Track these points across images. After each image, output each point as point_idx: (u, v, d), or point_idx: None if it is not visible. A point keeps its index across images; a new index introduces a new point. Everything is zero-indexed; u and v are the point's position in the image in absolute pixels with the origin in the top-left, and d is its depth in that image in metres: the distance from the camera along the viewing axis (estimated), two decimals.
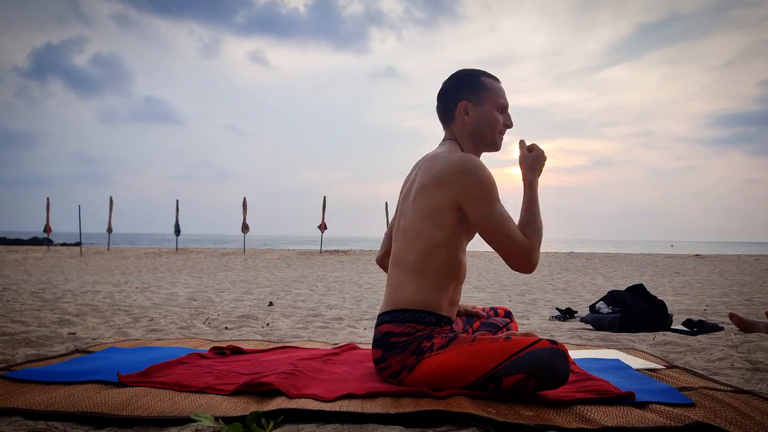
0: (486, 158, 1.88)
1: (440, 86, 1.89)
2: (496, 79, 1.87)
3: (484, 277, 9.24)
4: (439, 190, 1.69)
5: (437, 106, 1.89)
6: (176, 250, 19.06)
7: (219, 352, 2.22)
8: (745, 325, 3.20)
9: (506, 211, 1.70)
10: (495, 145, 1.86)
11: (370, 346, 2.30)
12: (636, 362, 2.17)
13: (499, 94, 1.84)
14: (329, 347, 2.44)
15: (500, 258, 1.79)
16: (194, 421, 1.36)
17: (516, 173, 1.88)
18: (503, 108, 1.85)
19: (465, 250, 1.82)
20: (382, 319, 1.74)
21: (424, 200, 1.72)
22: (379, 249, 2.09)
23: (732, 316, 3.30)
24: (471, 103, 1.81)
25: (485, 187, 1.67)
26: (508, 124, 1.86)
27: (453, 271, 1.75)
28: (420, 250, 1.71)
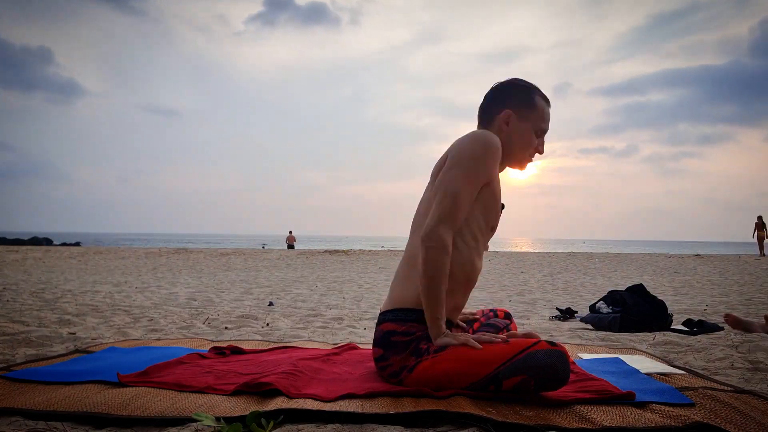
0: None
1: (492, 86, 1.83)
2: (548, 102, 1.82)
3: (484, 277, 9.24)
4: (442, 165, 1.69)
5: (482, 104, 1.83)
6: (176, 250, 19.07)
7: (219, 352, 2.22)
8: (741, 325, 3.19)
9: (468, 192, 1.61)
10: (521, 165, 1.81)
11: (370, 346, 2.30)
12: (655, 366, 2.12)
13: (545, 117, 1.80)
14: (329, 347, 2.44)
15: (500, 258, 1.77)
16: (195, 420, 1.36)
17: (513, 174, 1.86)
18: (542, 132, 1.80)
19: (481, 253, 1.77)
20: (384, 317, 1.73)
21: (434, 182, 1.71)
22: None
23: (727, 317, 3.29)
24: (515, 115, 1.76)
25: (464, 152, 1.63)
26: (540, 151, 1.81)
27: (463, 274, 1.71)
28: None
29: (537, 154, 1.81)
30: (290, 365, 1.87)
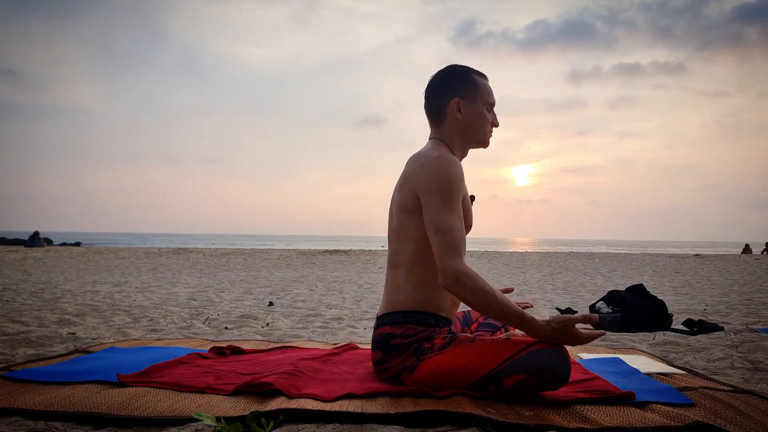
0: (489, 159, 1.87)
1: (429, 82, 1.85)
2: (485, 77, 1.86)
3: (483, 277, 9.24)
4: (406, 189, 1.70)
5: (426, 103, 1.85)
6: (176, 250, 19.09)
7: (219, 352, 2.22)
8: None
9: (456, 220, 1.61)
10: (484, 143, 1.85)
11: (370, 347, 2.30)
12: (655, 366, 2.12)
13: (489, 92, 1.83)
14: (329, 347, 2.44)
15: (500, 258, 1.77)
16: (194, 420, 1.36)
17: (511, 176, 1.87)
18: (491, 106, 1.85)
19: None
20: (382, 320, 1.74)
21: (400, 200, 1.73)
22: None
23: None
24: (463, 101, 1.79)
25: (437, 184, 1.63)
26: (496, 123, 1.86)
27: None
28: (411, 251, 1.71)
29: (494, 128, 1.86)
30: (290, 365, 1.87)
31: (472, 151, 1.89)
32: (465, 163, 1.87)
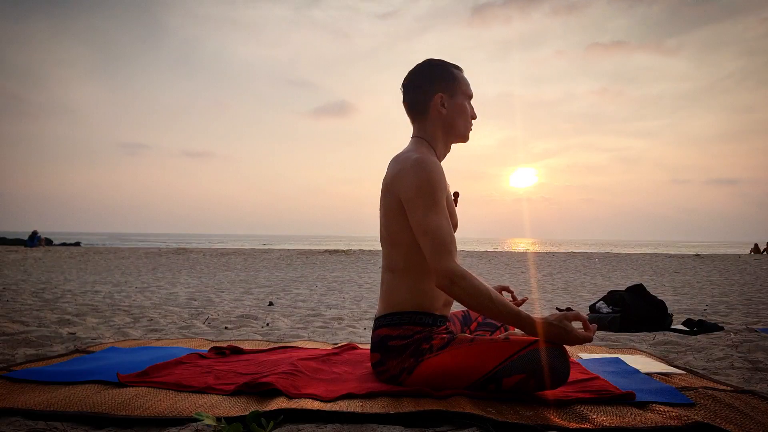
0: (487, 156, 1.85)
1: (407, 78, 1.81)
2: (461, 69, 1.84)
3: (484, 278, 9.25)
4: (391, 193, 1.69)
5: (406, 100, 1.81)
6: (176, 250, 19.08)
7: (219, 352, 2.22)
8: None
9: (443, 221, 1.60)
10: (466, 137, 1.84)
11: (369, 347, 2.30)
12: (655, 366, 2.12)
13: (467, 84, 1.82)
14: (329, 347, 2.44)
15: (501, 258, 1.77)
16: (194, 420, 1.36)
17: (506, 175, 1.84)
18: (470, 98, 1.83)
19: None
20: (379, 322, 1.74)
21: (385, 204, 1.72)
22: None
23: None
24: (446, 95, 1.77)
25: (419, 188, 1.61)
26: (474, 116, 1.85)
27: None
28: (402, 254, 1.70)
29: (473, 120, 1.85)
30: (290, 365, 1.87)
31: (461, 151, 1.88)
32: (455, 161, 1.86)
